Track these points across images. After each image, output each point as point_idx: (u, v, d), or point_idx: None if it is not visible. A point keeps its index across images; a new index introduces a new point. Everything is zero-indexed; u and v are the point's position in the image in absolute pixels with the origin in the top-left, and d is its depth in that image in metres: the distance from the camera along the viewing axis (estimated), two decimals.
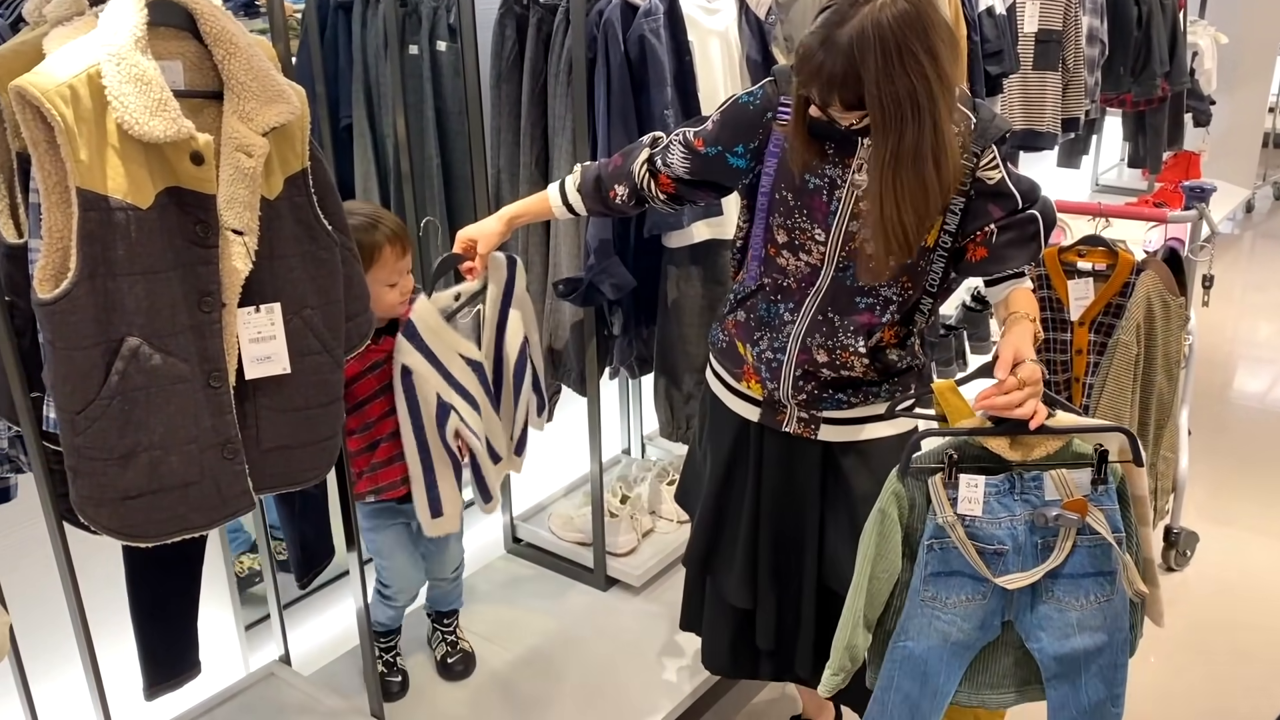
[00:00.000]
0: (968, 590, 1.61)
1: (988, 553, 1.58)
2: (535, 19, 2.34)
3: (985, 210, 1.67)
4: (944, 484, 1.57)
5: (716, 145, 1.80)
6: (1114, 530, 1.56)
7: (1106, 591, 1.60)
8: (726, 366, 1.92)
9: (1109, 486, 1.56)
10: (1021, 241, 1.68)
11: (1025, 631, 1.63)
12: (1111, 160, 6.59)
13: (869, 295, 1.74)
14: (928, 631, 1.63)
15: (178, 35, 1.44)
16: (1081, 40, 4.21)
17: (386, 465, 2.11)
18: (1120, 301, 2.71)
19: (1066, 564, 1.58)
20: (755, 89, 1.80)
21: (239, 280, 1.47)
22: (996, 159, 1.66)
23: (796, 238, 1.76)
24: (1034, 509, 1.56)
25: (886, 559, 1.62)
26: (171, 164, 1.39)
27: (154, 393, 1.41)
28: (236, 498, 1.53)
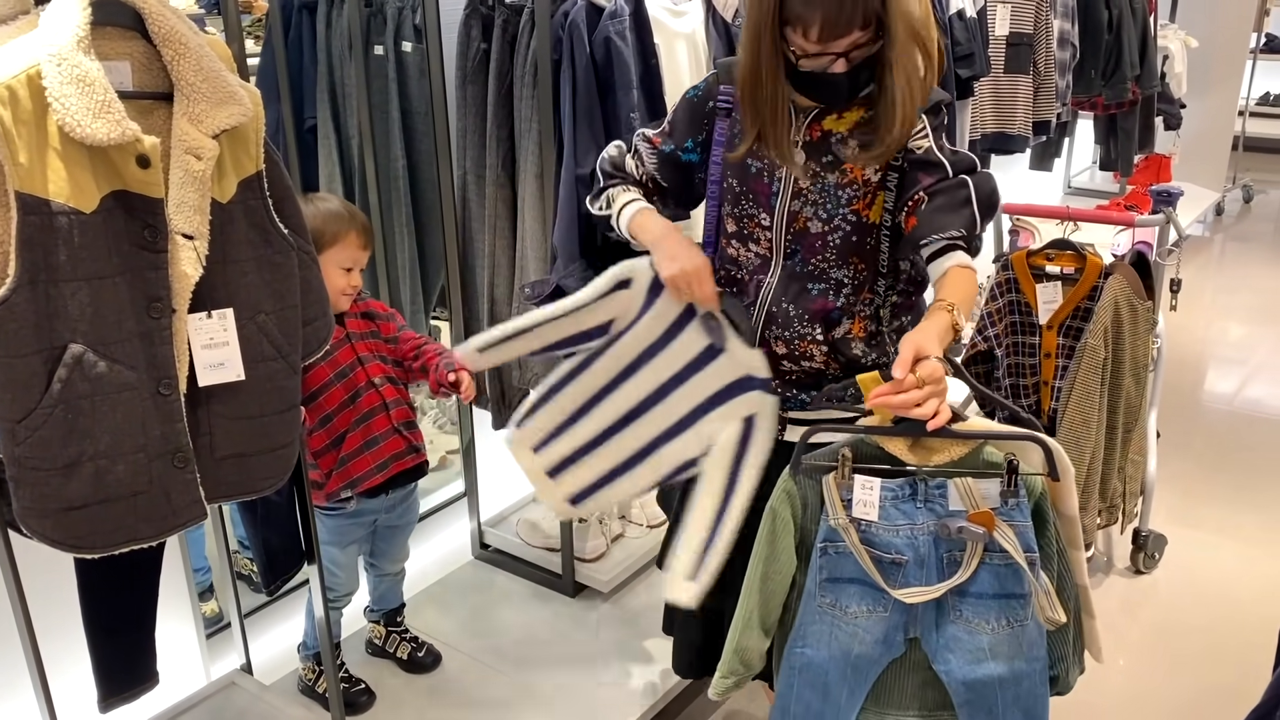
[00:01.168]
0: (868, 601, 1.50)
1: (885, 561, 1.48)
2: (501, 20, 2.32)
3: (915, 179, 1.65)
4: (838, 484, 1.48)
5: (670, 143, 1.84)
6: (1025, 550, 1.44)
7: (1019, 616, 1.48)
8: None
9: (1020, 501, 1.45)
10: (951, 207, 1.62)
11: (932, 652, 1.51)
12: (1084, 163, 6.62)
13: (821, 280, 1.74)
14: (828, 640, 1.54)
15: (125, 35, 1.40)
16: (1052, 43, 4.22)
17: (357, 456, 2.10)
18: (1088, 305, 2.71)
19: (973, 581, 1.47)
20: (699, 82, 1.83)
21: (189, 285, 1.44)
22: (926, 129, 1.66)
23: (745, 226, 1.77)
24: (939, 519, 1.46)
25: (778, 560, 1.55)
26: (117, 167, 1.36)
27: (99, 401, 1.38)
28: (187, 507, 1.50)
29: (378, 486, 2.15)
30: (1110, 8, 4.58)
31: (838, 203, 1.69)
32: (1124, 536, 3.05)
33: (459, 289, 2.59)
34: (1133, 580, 2.99)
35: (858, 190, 1.69)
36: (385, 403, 2.14)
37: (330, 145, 2.71)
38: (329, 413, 2.06)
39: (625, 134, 2.20)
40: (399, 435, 2.16)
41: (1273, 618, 1.67)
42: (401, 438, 2.17)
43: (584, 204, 2.24)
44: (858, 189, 1.69)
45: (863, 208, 1.70)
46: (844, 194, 1.69)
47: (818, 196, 1.70)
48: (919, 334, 1.49)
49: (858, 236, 1.70)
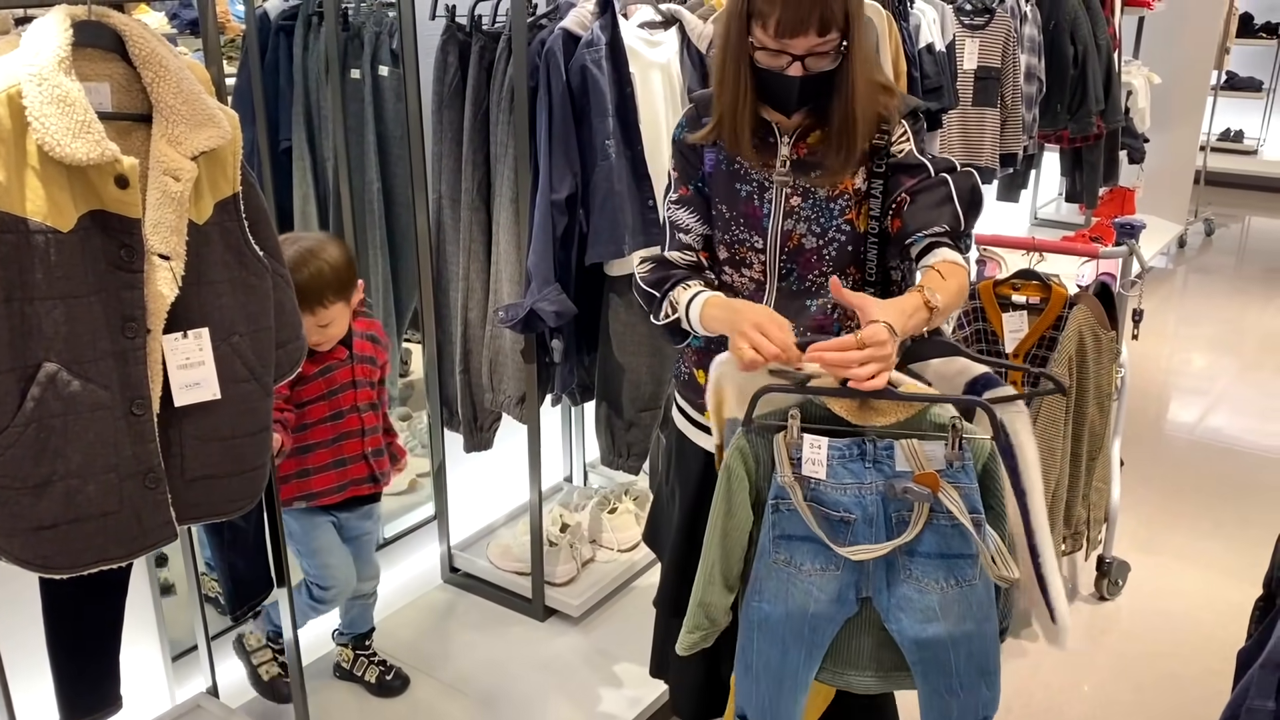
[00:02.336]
0: (821, 558, 1.52)
1: (833, 520, 1.49)
2: (478, 47, 2.34)
3: (898, 182, 1.69)
4: (787, 443, 1.49)
5: (690, 185, 1.81)
6: (971, 511, 1.46)
7: (969, 575, 1.51)
8: (689, 399, 1.91)
9: (966, 463, 1.46)
10: (933, 204, 1.64)
11: (884, 611, 1.53)
12: (1050, 194, 6.73)
13: (818, 295, 1.75)
14: (784, 597, 1.54)
15: (105, 57, 1.41)
16: (1019, 78, 4.31)
17: (321, 472, 2.11)
18: (1053, 334, 2.76)
19: (921, 541, 1.49)
20: (680, 120, 1.85)
21: (164, 306, 1.44)
22: (907, 133, 1.70)
23: (736, 251, 1.78)
24: (887, 479, 1.47)
25: (735, 516, 1.56)
26: (95, 187, 1.36)
27: (71, 420, 1.37)
28: (158, 528, 1.49)
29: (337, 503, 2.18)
30: (1076, 44, 4.68)
31: (830, 215, 1.71)
32: (1088, 563, 3.09)
33: (432, 311, 2.60)
34: (1097, 606, 3.03)
35: (849, 200, 1.71)
36: (363, 428, 2.15)
37: (305, 167, 2.72)
38: (307, 424, 2.07)
39: (600, 161, 2.23)
40: (365, 462, 2.18)
41: (1233, 643, 1.70)
42: (367, 464, 2.18)
43: (558, 229, 2.26)
44: (849, 199, 1.71)
45: (855, 217, 1.72)
46: (836, 205, 1.71)
47: (810, 212, 1.72)
48: (883, 303, 1.50)
49: (852, 246, 1.73)
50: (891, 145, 1.70)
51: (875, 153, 1.70)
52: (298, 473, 2.10)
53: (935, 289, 1.56)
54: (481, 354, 2.52)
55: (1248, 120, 8.21)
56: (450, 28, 2.38)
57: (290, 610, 1.97)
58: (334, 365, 2.08)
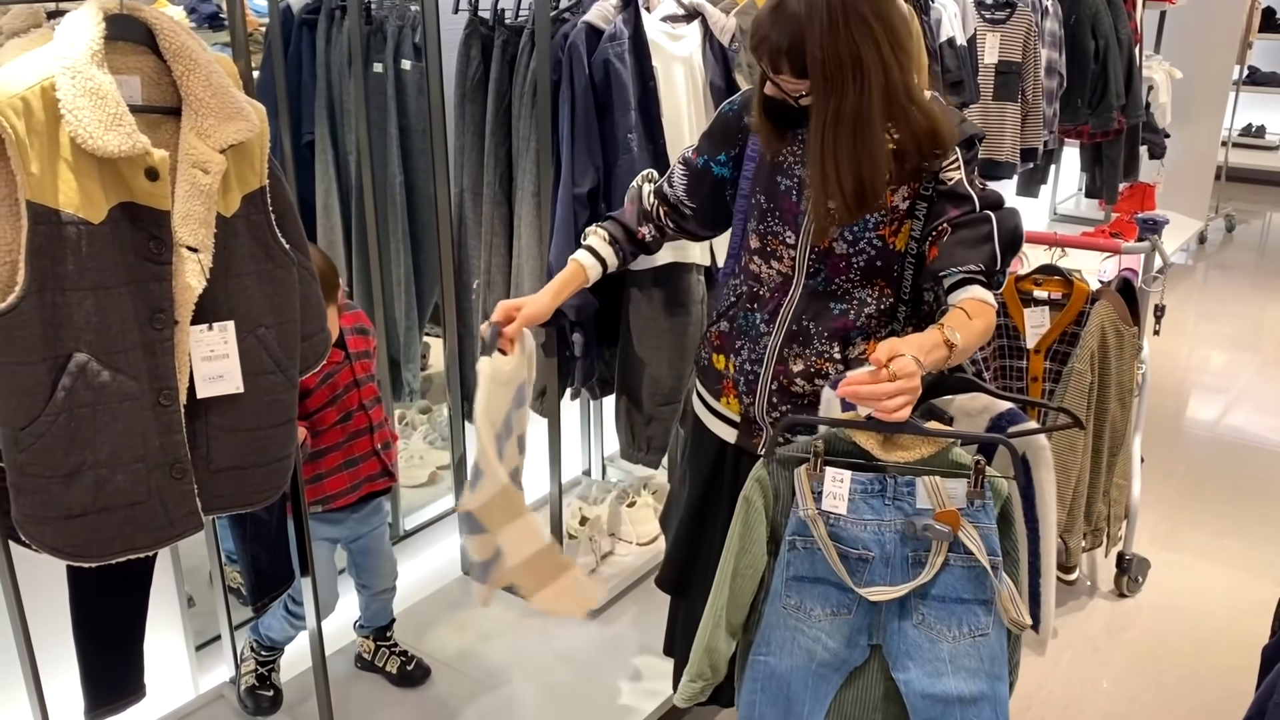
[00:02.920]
0: (833, 601, 1.50)
1: (852, 558, 1.48)
2: (500, 40, 2.35)
3: (943, 210, 1.66)
4: (809, 476, 1.48)
5: (703, 155, 1.86)
6: (989, 552, 1.45)
7: (981, 625, 1.49)
8: (707, 385, 1.92)
9: (986, 502, 1.46)
10: (973, 242, 1.62)
11: (893, 658, 1.51)
12: (1069, 190, 6.69)
13: (844, 299, 1.75)
14: (790, 647, 1.53)
15: (136, 50, 1.42)
16: (1040, 72, 4.29)
17: (334, 474, 2.12)
18: (1075, 330, 2.75)
19: (936, 583, 1.48)
20: (737, 96, 1.85)
21: (192, 298, 1.46)
22: (959, 160, 1.66)
23: (769, 243, 1.78)
24: (906, 517, 1.46)
25: (750, 553, 1.53)
26: (126, 179, 1.37)
27: (101, 410, 1.39)
28: (184, 518, 1.51)
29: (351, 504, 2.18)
30: (1097, 38, 4.65)
31: (864, 226, 1.69)
32: (1108, 560, 3.08)
33: (454, 305, 2.60)
34: (1116, 604, 3.02)
35: (884, 216, 1.69)
36: (371, 425, 2.15)
37: (328, 161, 2.73)
38: (318, 430, 2.08)
39: (623, 155, 2.23)
40: (376, 457, 2.18)
41: (1255, 641, 1.69)
42: (379, 460, 2.18)
43: (580, 223, 2.27)
44: (885, 215, 1.69)
45: (889, 234, 1.70)
46: (870, 218, 1.69)
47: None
48: (899, 340, 1.49)
49: (882, 261, 1.71)
50: (942, 171, 1.66)
51: (921, 174, 1.67)
52: (311, 478, 2.10)
53: (957, 328, 1.55)
54: None
55: (1269, 115, 8.14)
56: (473, 22, 2.39)
57: (314, 603, 1.99)
58: (334, 370, 2.07)
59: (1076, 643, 2.82)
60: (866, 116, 1.55)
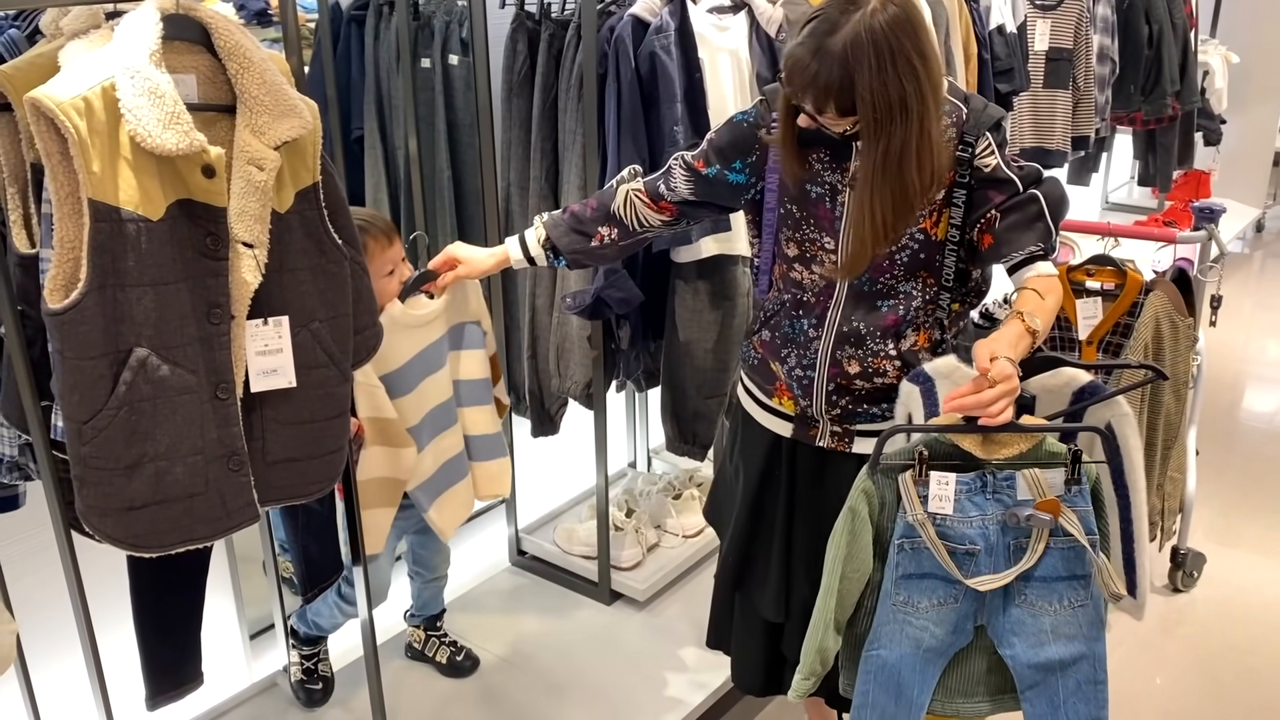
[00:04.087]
0: (939, 593, 1.58)
1: (959, 553, 1.55)
2: (547, 34, 2.36)
3: (986, 197, 1.67)
4: (914, 481, 1.54)
5: (715, 165, 1.82)
6: (1088, 532, 1.53)
7: (1080, 596, 1.57)
8: (758, 383, 1.91)
9: (1083, 487, 1.53)
10: (1025, 223, 1.65)
11: (998, 636, 1.60)
12: (1122, 178, 6.58)
13: (890, 296, 1.74)
14: (899, 638, 1.60)
15: (192, 49, 1.45)
16: (1092, 59, 4.21)
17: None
18: (1128, 321, 2.70)
19: (1039, 566, 1.56)
20: (749, 109, 1.84)
21: (248, 293, 1.48)
22: (992, 145, 1.67)
23: (807, 249, 1.77)
24: (1006, 509, 1.53)
25: (857, 559, 1.59)
26: (183, 176, 1.40)
27: (161, 404, 1.41)
28: (241, 510, 1.53)
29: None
30: (1151, 23, 4.55)
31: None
32: (1162, 555, 3.03)
33: (501, 297, 2.62)
34: (1170, 599, 2.97)
35: (923, 211, 1.68)
36: None
37: (377, 156, 2.76)
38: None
39: (669, 147, 2.23)
40: None
41: None
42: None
43: None
44: (923, 209, 1.68)
45: (930, 225, 1.70)
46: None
47: None
48: (991, 340, 1.53)
49: (925, 254, 1.71)
50: (976, 158, 1.67)
51: (958, 163, 1.67)
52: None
53: (1036, 313, 1.57)
54: (548, 340, 2.54)
55: None
56: (519, 16, 2.40)
57: (366, 589, 2.01)
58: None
59: (1129, 639, 2.78)
60: (911, 153, 1.56)
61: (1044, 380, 1.72)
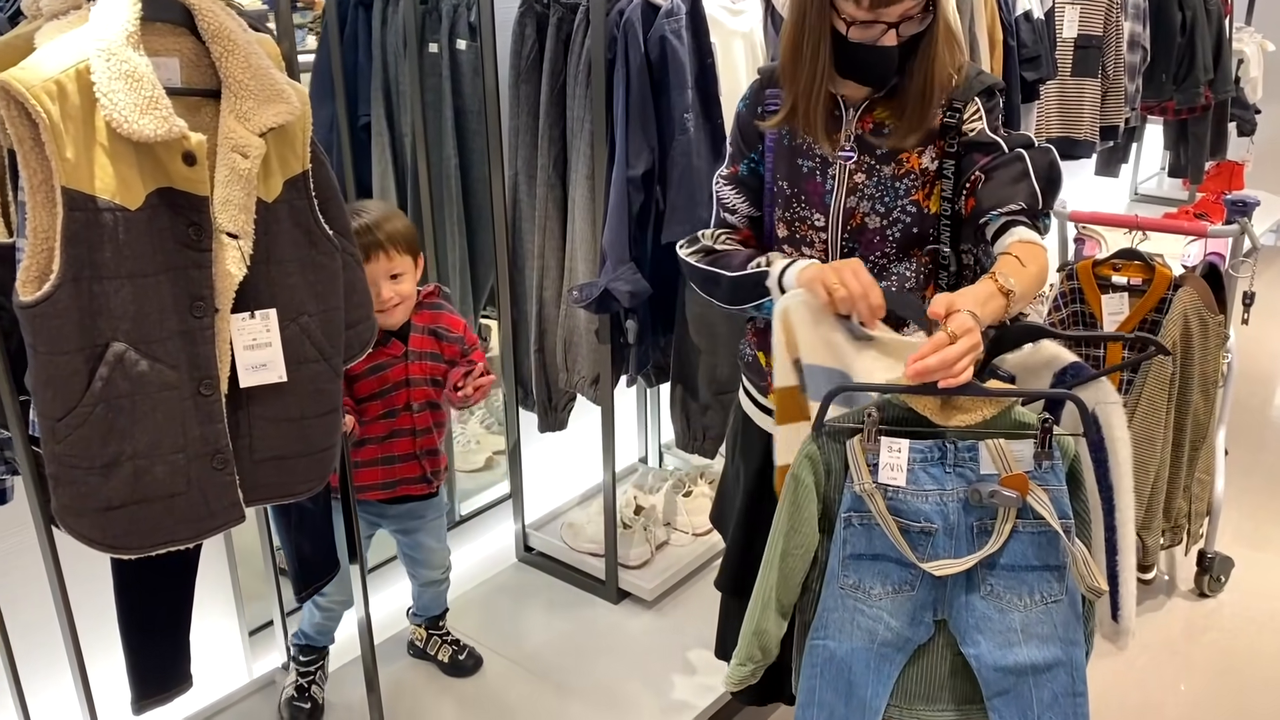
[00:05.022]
0: (894, 579, 1.41)
1: (913, 531, 1.38)
2: (555, 19, 2.29)
3: (971, 160, 1.62)
4: (863, 447, 1.37)
5: (743, 164, 1.76)
6: (1060, 515, 1.36)
7: (1054, 590, 1.40)
8: (753, 380, 1.86)
9: (1055, 463, 1.35)
10: (1008, 181, 1.55)
11: (960, 633, 1.42)
12: (1151, 169, 6.44)
13: (882, 277, 1.68)
14: (850, 629, 1.44)
15: (174, 31, 1.39)
16: (1122, 46, 4.09)
17: (369, 466, 2.09)
18: (1156, 318, 2.62)
19: (1005, 552, 1.38)
20: (745, 93, 1.77)
21: (232, 285, 1.43)
22: (980, 110, 1.63)
23: (797, 229, 1.72)
24: (969, 484, 1.36)
25: (800, 532, 1.44)
26: (163, 164, 1.34)
27: (139, 400, 1.36)
28: (225, 510, 1.48)
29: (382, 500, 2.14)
30: (1184, 9, 4.43)
31: (895, 194, 1.64)
32: (1188, 559, 2.94)
33: (508, 289, 2.56)
34: (1196, 604, 2.88)
35: (915, 180, 1.64)
36: (415, 428, 2.11)
37: (384, 143, 2.70)
38: (363, 420, 2.04)
39: (679, 135, 2.16)
40: (417, 461, 2.14)
41: None
42: (418, 464, 2.14)
43: (634, 206, 2.21)
44: (915, 179, 1.64)
45: (922, 198, 1.65)
46: (901, 185, 1.64)
47: (874, 190, 1.65)
48: (953, 294, 1.40)
49: (918, 228, 1.66)
50: (964, 123, 1.62)
51: (946, 131, 1.62)
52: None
53: (1010, 273, 1.46)
54: (556, 333, 2.48)
55: None
56: (528, 0, 2.32)
57: (363, 585, 1.97)
58: (388, 363, 2.04)
59: (1154, 644, 2.69)
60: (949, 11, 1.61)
61: (1023, 358, 1.58)
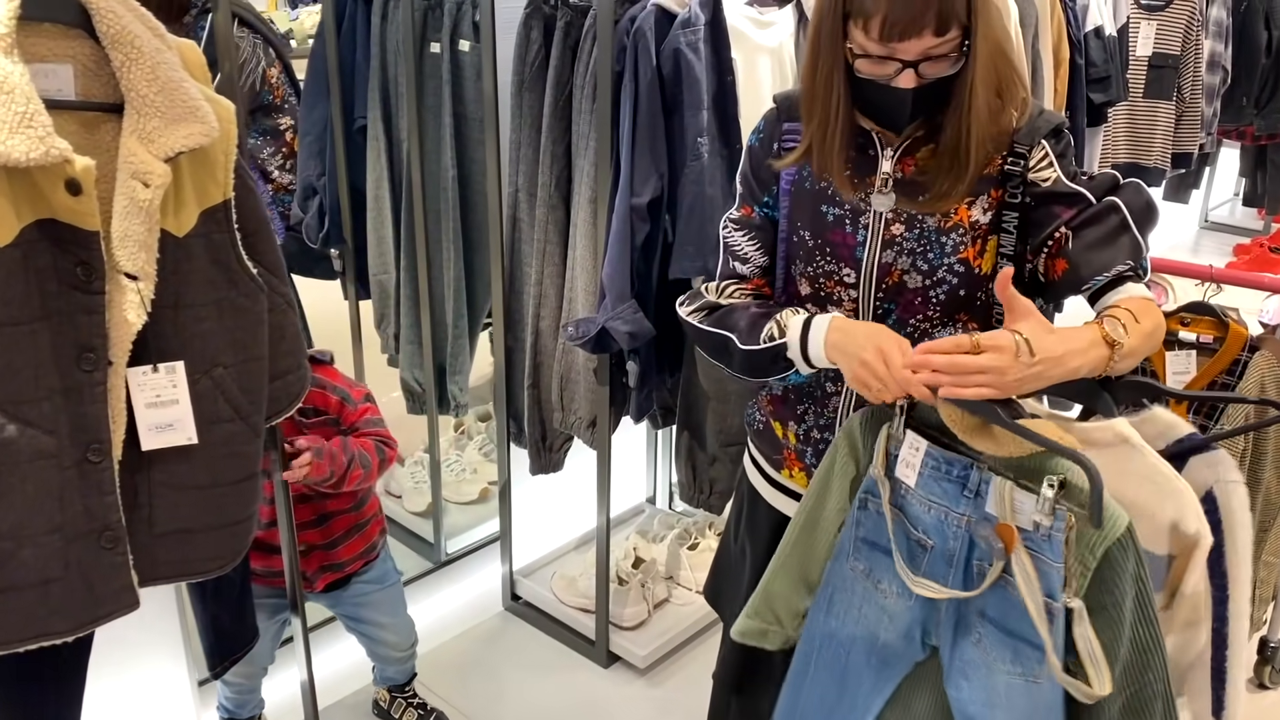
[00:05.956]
0: (899, 582, 1.32)
1: (910, 537, 1.30)
2: (563, 22, 2.05)
3: (1051, 214, 1.36)
4: (889, 436, 1.31)
5: (757, 207, 1.51)
6: (1045, 593, 1.18)
7: (1033, 671, 1.22)
8: (765, 452, 1.61)
9: (1053, 531, 1.16)
10: (1107, 238, 1.34)
11: (946, 669, 1.31)
12: (1224, 195, 6.07)
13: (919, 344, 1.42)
14: (856, 614, 1.38)
15: (68, 34, 1.17)
16: (1201, 67, 3.79)
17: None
18: (1227, 381, 2.33)
19: (990, 603, 1.24)
20: (759, 122, 1.52)
21: (129, 334, 1.21)
22: (1050, 155, 1.37)
23: (822, 287, 1.46)
24: (978, 517, 1.24)
25: (827, 504, 1.38)
26: (44, 192, 1.13)
27: (5, 472, 1.15)
28: (114, 596, 1.27)
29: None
30: (1271, 29, 4.12)
31: (941, 250, 1.38)
32: (1250, 646, 2.65)
33: (503, 315, 2.32)
34: (1256, 696, 2.60)
35: (964, 235, 1.38)
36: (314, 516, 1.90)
37: (379, 148, 2.49)
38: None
39: (690, 161, 1.91)
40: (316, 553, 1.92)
41: None
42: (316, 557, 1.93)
43: (638, 238, 1.97)
44: (964, 233, 1.38)
45: (972, 255, 1.39)
46: (949, 240, 1.38)
47: (915, 244, 1.39)
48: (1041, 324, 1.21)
49: (966, 290, 1.40)
50: (1030, 171, 1.36)
51: (1007, 179, 1.36)
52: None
53: (1123, 322, 1.25)
54: (552, 369, 2.25)
55: None
56: (535, 0, 2.08)
57: (304, 642, 1.76)
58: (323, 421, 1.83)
59: None
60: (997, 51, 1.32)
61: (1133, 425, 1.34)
